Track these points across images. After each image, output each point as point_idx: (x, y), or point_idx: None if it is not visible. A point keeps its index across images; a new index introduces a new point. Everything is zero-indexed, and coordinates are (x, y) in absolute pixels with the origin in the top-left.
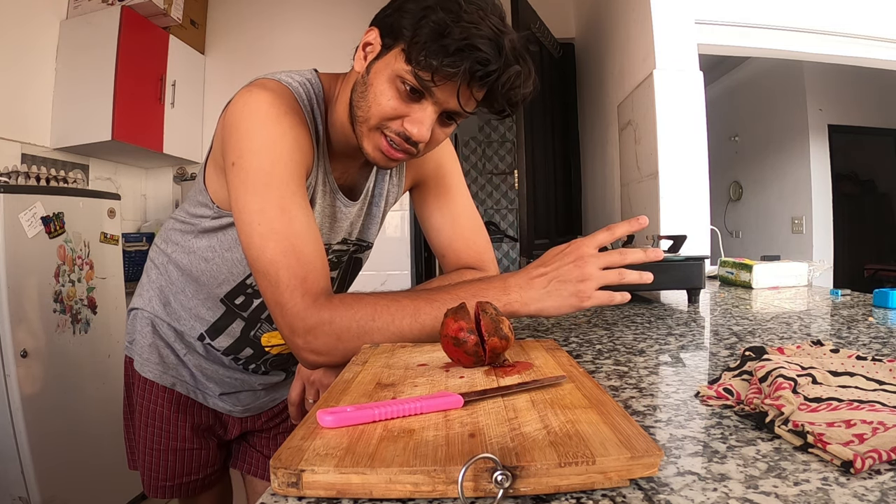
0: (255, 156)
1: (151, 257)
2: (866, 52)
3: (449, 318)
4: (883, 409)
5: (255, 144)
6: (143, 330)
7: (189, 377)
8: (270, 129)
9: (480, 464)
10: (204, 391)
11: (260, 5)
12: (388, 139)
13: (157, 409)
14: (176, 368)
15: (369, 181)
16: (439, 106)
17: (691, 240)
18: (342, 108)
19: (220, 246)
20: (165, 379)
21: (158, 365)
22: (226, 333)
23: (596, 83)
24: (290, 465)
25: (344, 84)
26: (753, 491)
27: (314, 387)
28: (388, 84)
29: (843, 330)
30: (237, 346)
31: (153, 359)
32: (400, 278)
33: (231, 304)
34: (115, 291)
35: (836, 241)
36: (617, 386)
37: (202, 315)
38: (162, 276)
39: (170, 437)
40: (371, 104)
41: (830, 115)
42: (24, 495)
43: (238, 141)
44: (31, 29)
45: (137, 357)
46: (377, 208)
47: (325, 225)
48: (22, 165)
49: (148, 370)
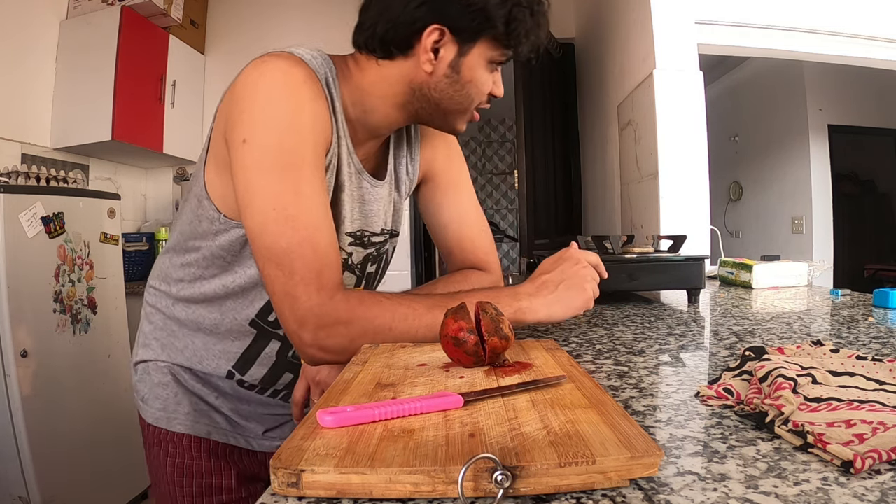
0: (271, 132)
1: (150, 301)
2: (866, 52)
3: (449, 318)
4: (883, 409)
5: (271, 119)
6: (161, 381)
7: (224, 422)
8: (288, 102)
9: (480, 464)
10: (245, 434)
11: (260, 5)
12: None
13: (193, 464)
14: (208, 415)
15: (389, 163)
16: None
17: (691, 240)
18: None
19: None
20: (199, 429)
21: (189, 415)
22: (258, 363)
23: (596, 83)
24: (290, 465)
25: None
26: (753, 491)
27: (319, 387)
28: (485, 71)
29: (843, 330)
30: (273, 374)
31: (181, 409)
32: (400, 278)
33: (264, 323)
34: (115, 291)
35: (836, 241)
36: (617, 386)
37: (227, 348)
38: (168, 319)
39: (213, 492)
40: (473, 94)
41: (830, 115)
42: (24, 495)
43: (251, 115)
44: (31, 29)
45: (160, 413)
46: (399, 194)
47: (355, 209)
48: (22, 165)
49: (178, 423)
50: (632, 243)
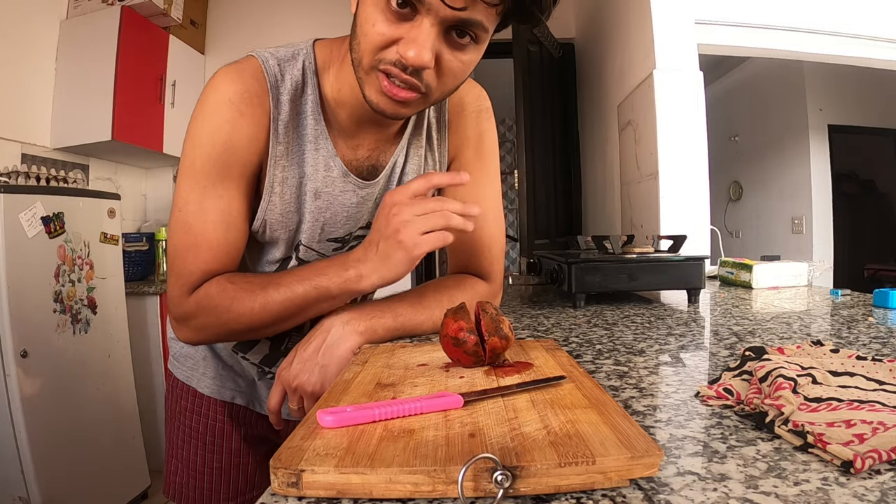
0: (189, 147)
1: None
2: (866, 52)
3: (449, 318)
4: (883, 409)
5: (194, 135)
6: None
7: (246, 386)
8: (209, 121)
9: (480, 464)
10: (260, 400)
11: (260, 5)
12: (387, 75)
13: (214, 426)
14: (234, 380)
15: (396, 156)
16: (435, 16)
17: (691, 240)
18: (342, 72)
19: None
20: (224, 393)
21: (215, 379)
22: (254, 351)
23: (596, 83)
24: (289, 465)
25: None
26: (753, 491)
27: (297, 393)
28: (374, 7)
29: (843, 330)
30: (270, 358)
31: (209, 372)
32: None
33: None
34: (115, 291)
35: (836, 241)
36: (617, 386)
37: None
38: None
39: (229, 454)
40: (360, 39)
41: (830, 115)
42: (24, 495)
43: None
44: (31, 29)
45: (188, 370)
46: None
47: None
48: (22, 165)
49: (204, 385)
50: (632, 243)
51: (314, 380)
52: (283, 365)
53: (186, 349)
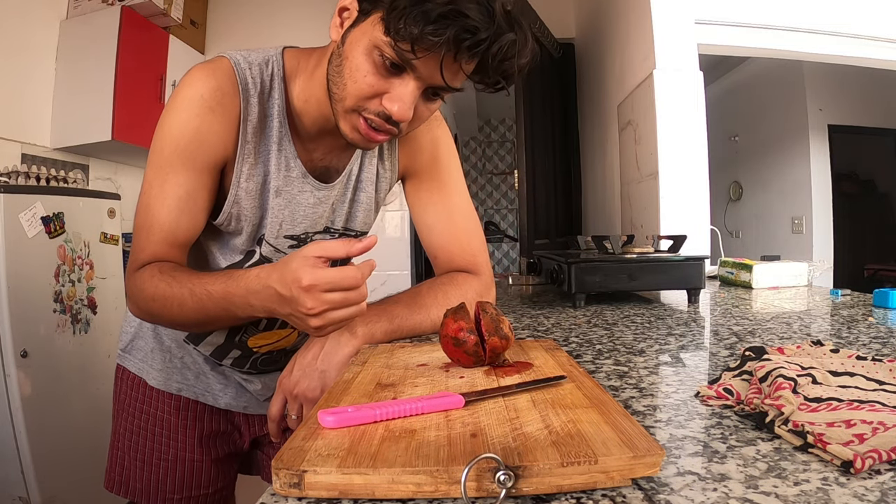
0: (159, 136)
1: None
2: (866, 52)
3: (449, 318)
4: (883, 409)
5: (164, 126)
6: (144, 334)
7: (194, 379)
8: (179, 114)
9: (483, 464)
10: (213, 393)
11: (260, 5)
12: (366, 120)
13: (163, 417)
14: (181, 372)
15: (352, 164)
16: (422, 81)
17: (691, 240)
18: (310, 84)
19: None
20: (171, 385)
21: (162, 371)
22: (206, 343)
23: (596, 83)
24: (292, 466)
25: (321, 57)
26: (753, 491)
27: (297, 401)
28: (365, 57)
29: (843, 330)
30: (223, 350)
31: (156, 364)
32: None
33: None
34: (115, 291)
35: (836, 241)
36: (617, 386)
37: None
38: None
39: (176, 448)
40: (347, 81)
41: (830, 115)
42: (24, 495)
43: (161, 118)
44: (30, 29)
45: (139, 363)
46: (365, 194)
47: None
48: (22, 165)
49: (152, 377)
50: (632, 243)
51: (314, 386)
52: (283, 374)
53: (137, 341)
